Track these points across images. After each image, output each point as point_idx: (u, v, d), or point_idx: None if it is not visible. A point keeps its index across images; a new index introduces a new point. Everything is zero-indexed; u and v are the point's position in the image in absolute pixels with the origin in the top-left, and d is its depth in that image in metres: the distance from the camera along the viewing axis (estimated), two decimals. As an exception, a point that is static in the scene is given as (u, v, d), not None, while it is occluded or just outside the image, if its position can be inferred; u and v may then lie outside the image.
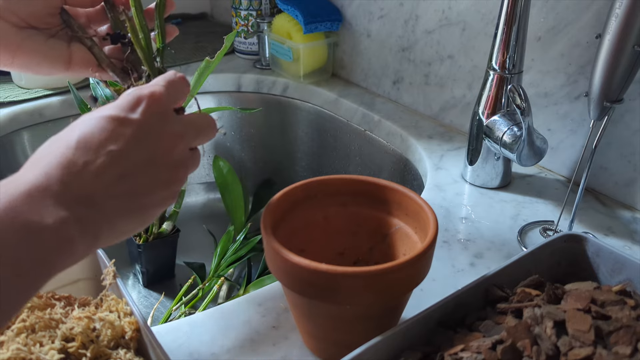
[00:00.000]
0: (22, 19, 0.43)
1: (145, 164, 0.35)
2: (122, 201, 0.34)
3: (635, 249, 0.61)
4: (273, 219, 0.45)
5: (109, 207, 0.33)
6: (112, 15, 0.47)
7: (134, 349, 0.42)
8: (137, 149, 0.34)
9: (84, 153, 0.32)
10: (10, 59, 0.43)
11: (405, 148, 0.88)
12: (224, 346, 0.48)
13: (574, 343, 0.35)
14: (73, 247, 0.31)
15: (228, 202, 1.00)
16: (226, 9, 1.40)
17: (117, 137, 0.33)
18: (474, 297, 0.42)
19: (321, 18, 1.01)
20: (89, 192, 0.32)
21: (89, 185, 0.32)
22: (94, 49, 0.46)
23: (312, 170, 1.13)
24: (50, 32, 0.46)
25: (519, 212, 0.68)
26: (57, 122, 0.98)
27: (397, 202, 0.49)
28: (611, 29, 0.52)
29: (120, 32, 0.46)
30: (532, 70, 0.74)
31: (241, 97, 1.13)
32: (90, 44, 0.46)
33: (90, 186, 0.32)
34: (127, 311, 0.44)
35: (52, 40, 0.45)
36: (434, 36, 0.87)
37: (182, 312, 0.84)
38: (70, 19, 0.46)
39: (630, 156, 0.66)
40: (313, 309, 0.43)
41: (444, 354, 0.37)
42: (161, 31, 0.46)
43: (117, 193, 0.34)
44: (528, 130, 0.62)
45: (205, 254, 0.99)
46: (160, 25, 0.46)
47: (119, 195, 0.34)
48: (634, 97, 0.64)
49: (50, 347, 0.39)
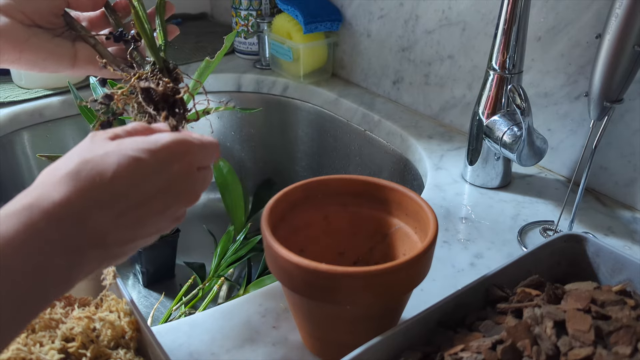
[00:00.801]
0: (27, 16, 0.44)
1: (159, 213, 0.36)
2: (128, 241, 0.35)
3: (635, 249, 0.61)
4: (273, 219, 0.45)
5: (114, 246, 0.34)
6: (114, 17, 0.48)
7: (134, 349, 0.42)
8: (158, 200, 0.35)
9: (115, 192, 0.32)
10: (17, 54, 0.44)
11: (405, 148, 0.88)
12: (224, 346, 0.48)
13: (574, 343, 0.35)
14: (73, 283, 0.32)
15: (228, 202, 1.00)
16: (226, 9, 1.40)
17: (147, 187, 0.34)
18: (474, 297, 0.42)
19: (321, 18, 1.01)
20: (104, 232, 0.33)
21: (106, 225, 0.32)
22: (97, 46, 0.47)
23: (312, 170, 1.13)
24: (55, 32, 0.47)
25: (519, 212, 0.68)
26: (57, 122, 0.98)
27: (397, 202, 0.49)
28: (611, 29, 0.52)
29: (122, 31, 0.47)
30: (532, 70, 0.74)
31: (241, 97, 1.13)
32: (94, 42, 0.47)
33: (107, 226, 0.33)
34: (127, 311, 0.44)
35: (57, 38, 0.47)
36: (434, 36, 0.87)
37: (182, 312, 0.84)
38: (72, 21, 0.47)
39: (630, 156, 0.66)
40: (313, 309, 0.43)
41: (444, 354, 0.37)
42: (163, 30, 0.47)
43: (127, 237, 0.34)
44: (528, 130, 0.62)
45: (205, 254, 0.99)
46: (161, 24, 0.47)
47: (128, 238, 0.35)
48: (634, 97, 0.64)
49: (50, 347, 0.39)
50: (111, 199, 0.32)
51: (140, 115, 0.43)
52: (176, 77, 0.45)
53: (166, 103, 0.43)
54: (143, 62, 0.46)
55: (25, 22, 0.45)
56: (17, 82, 1.01)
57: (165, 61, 0.45)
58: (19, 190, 0.31)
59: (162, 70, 0.44)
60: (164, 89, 0.42)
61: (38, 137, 0.97)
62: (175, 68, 0.45)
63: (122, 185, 0.33)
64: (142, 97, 0.42)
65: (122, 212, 0.33)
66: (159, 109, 0.42)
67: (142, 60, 0.46)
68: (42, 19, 0.45)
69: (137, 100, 0.43)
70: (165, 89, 0.42)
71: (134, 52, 0.46)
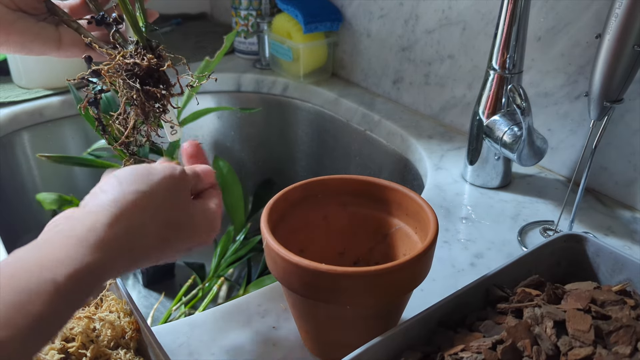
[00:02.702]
0: (12, 1, 0.47)
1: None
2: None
3: (635, 249, 0.61)
4: (273, 219, 0.45)
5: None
6: (94, 4, 0.50)
7: (134, 349, 0.42)
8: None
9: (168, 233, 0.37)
10: (5, 36, 0.47)
11: (405, 148, 0.88)
12: (224, 346, 0.48)
13: (574, 343, 0.35)
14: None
15: (228, 202, 1.00)
16: (226, 9, 1.40)
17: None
18: (474, 297, 0.42)
19: (321, 18, 1.01)
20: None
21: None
22: (80, 30, 0.49)
23: (312, 170, 1.13)
24: (38, 17, 0.49)
25: (519, 212, 0.68)
26: (57, 122, 0.98)
27: (397, 202, 0.49)
28: (611, 29, 0.52)
29: (104, 14, 0.49)
30: (532, 70, 0.74)
31: (241, 97, 1.13)
32: (76, 26, 0.49)
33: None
34: (127, 311, 0.44)
35: (41, 22, 0.49)
36: (434, 36, 0.87)
37: (182, 312, 0.84)
38: (54, 6, 0.49)
39: (630, 156, 0.66)
40: (313, 309, 0.43)
41: (444, 354, 0.37)
42: (142, 12, 0.48)
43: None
44: (528, 130, 0.62)
45: (205, 254, 0.99)
46: (141, 7, 0.48)
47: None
48: (634, 97, 0.64)
49: (50, 347, 0.39)
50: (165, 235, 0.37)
51: (126, 91, 0.45)
52: (159, 54, 0.46)
53: (151, 78, 0.45)
54: (125, 43, 0.47)
55: (11, 6, 0.47)
56: (17, 82, 1.01)
57: (148, 40, 0.46)
58: (19, 190, 0.31)
59: (146, 47, 0.46)
60: (148, 63, 0.44)
61: (38, 137, 0.97)
62: (159, 46, 0.46)
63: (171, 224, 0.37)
64: (127, 74, 0.44)
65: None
66: (144, 84, 0.44)
67: (124, 42, 0.47)
68: (25, 4, 0.47)
69: (122, 77, 0.44)
70: (150, 63, 0.44)
71: (116, 34, 0.47)
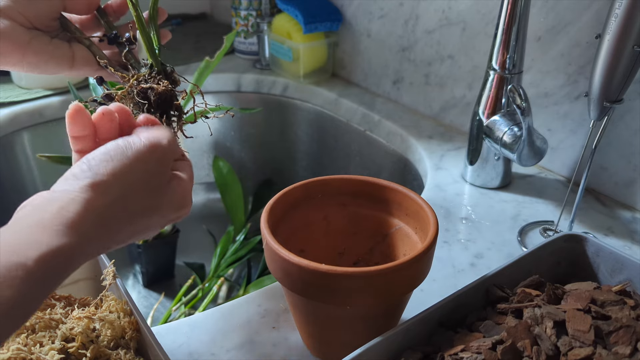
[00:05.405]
0: (27, 19, 0.46)
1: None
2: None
3: (635, 249, 0.61)
4: (273, 219, 0.45)
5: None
6: (105, 20, 0.49)
7: (134, 349, 0.42)
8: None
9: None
10: (20, 56, 0.45)
11: (405, 148, 0.88)
12: (224, 346, 0.48)
13: (574, 343, 0.35)
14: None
15: (228, 202, 1.00)
16: (226, 9, 1.40)
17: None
18: (474, 297, 0.42)
19: (321, 18, 1.01)
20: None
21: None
22: (92, 47, 0.48)
23: (312, 170, 1.13)
24: (51, 34, 0.48)
25: (519, 212, 0.68)
26: (57, 122, 0.98)
27: (397, 202, 0.49)
28: (611, 29, 0.52)
29: (116, 33, 0.48)
30: (532, 70, 0.74)
31: (241, 97, 1.13)
32: (88, 43, 0.49)
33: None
34: (127, 311, 0.44)
35: (55, 40, 0.48)
36: (434, 36, 0.87)
37: (182, 313, 0.84)
38: (67, 22, 0.48)
39: (630, 156, 0.66)
40: (313, 309, 0.43)
41: (444, 354, 0.37)
42: (157, 34, 0.48)
43: None
44: (528, 130, 0.62)
45: (205, 254, 0.99)
46: (155, 28, 0.48)
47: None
48: (634, 97, 0.64)
49: (50, 347, 0.39)
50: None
51: (137, 113, 0.44)
52: (174, 79, 0.46)
53: (164, 104, 0.44)
54: (138, 64, 0.46)
55: (26, 24, 0.45)
56: (17, 83, 1.01)
57: (162, 64, 0.46)
58: (19, 190, 0.31)
59: (160, 72, 0.45)
60: (164, 90, 0.43)
61: (38, 137, 0.97)
62: (173, 71, 0.46)
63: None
64: (140, 98, 0.43)
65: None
66: (155, 110, 0.44)
67: (136, 63, 0.47)
68: (41, 22, 0.46)
69: (135, 101, 0.43)
70: (166, 90, 0.44)
71: (128, 54, 0.47)
